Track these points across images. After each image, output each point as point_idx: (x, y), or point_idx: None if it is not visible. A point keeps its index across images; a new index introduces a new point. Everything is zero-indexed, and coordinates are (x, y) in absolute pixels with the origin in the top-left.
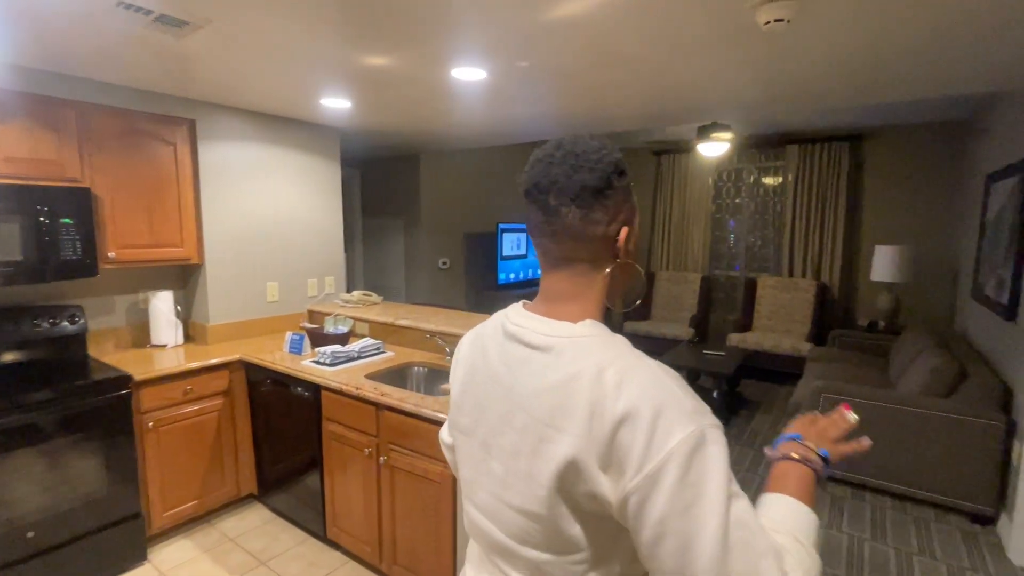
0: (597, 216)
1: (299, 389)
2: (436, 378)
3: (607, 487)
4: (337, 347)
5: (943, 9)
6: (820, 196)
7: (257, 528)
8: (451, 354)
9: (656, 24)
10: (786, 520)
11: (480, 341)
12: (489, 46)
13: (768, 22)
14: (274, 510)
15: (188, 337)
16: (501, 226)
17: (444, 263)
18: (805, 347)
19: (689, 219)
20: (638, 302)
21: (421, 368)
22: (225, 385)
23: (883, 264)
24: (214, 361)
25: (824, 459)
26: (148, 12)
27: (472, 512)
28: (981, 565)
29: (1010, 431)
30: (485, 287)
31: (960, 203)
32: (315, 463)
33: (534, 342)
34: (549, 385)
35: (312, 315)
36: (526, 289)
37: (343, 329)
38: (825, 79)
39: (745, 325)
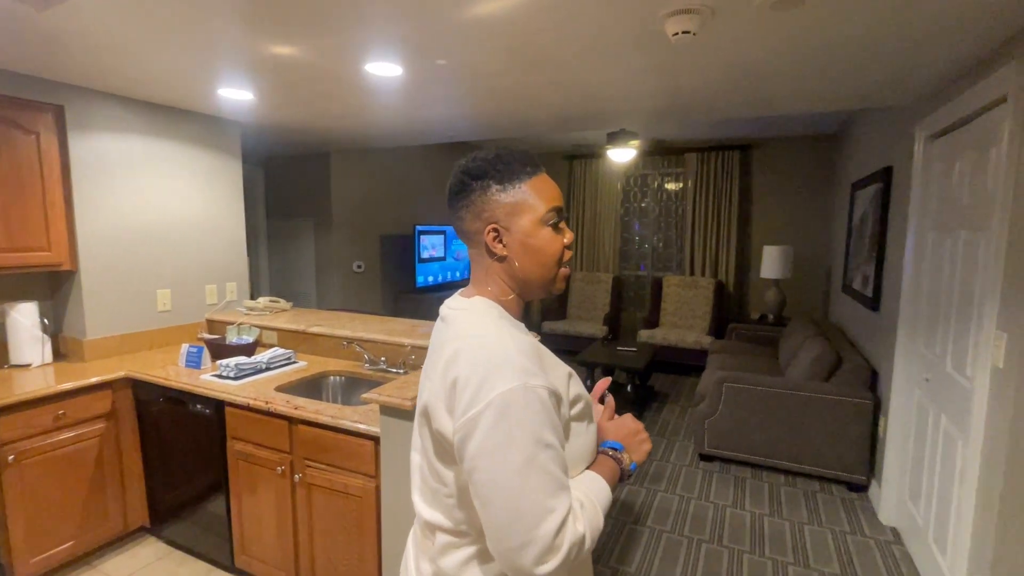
0: (461, 214)
1: (198, 407)
2: (355, 387)
3: (448, 426)
4: (242, 359)
5: (816, 35)
6: (716, 201)
7: (149, 565)
8: (369, 361)
9: (571, 28)
10: (591, 487)
11: None
12: (405, 41)
13: (676, 33)
14: (171, 542)
15: (59, 354)
16: (419, 228)
17: (359, 266)
18: (706, 340)
19: (600, 222)
20: (532, 300)
21: (338, 378)
22: (108, 407)
23: (770, 262)
24: (93, 380)
25: (631, 470)
26: None
27: (412, 455)
28: (858, 528)
29: (876, 408)
30: (403, 290)
31: (831, 208)
32: (219, 486)
33: (443, 315)
34: (436, 347)
35: (212, 325)
36: (445, 292)
37: (248, 339)
38: (721, 90)
39: (653, 322)
